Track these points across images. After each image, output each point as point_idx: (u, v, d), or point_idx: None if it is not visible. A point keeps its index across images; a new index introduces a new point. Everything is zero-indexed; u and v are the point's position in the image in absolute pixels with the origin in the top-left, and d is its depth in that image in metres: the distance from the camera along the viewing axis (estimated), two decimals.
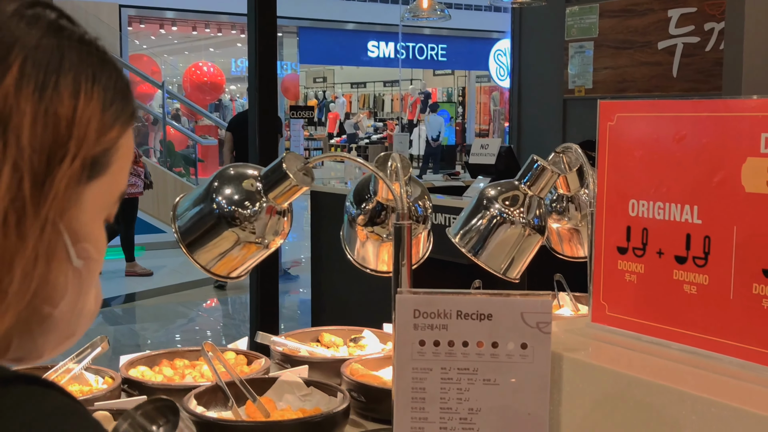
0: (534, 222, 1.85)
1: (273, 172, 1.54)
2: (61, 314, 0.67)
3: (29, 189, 0.61)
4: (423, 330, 1.33)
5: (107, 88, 0.68)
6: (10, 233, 0.59)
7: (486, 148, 4.77)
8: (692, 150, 1.30)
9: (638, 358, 1.31)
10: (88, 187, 0.67)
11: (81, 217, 0.67)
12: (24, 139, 0.61)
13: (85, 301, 0.71)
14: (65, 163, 0.63)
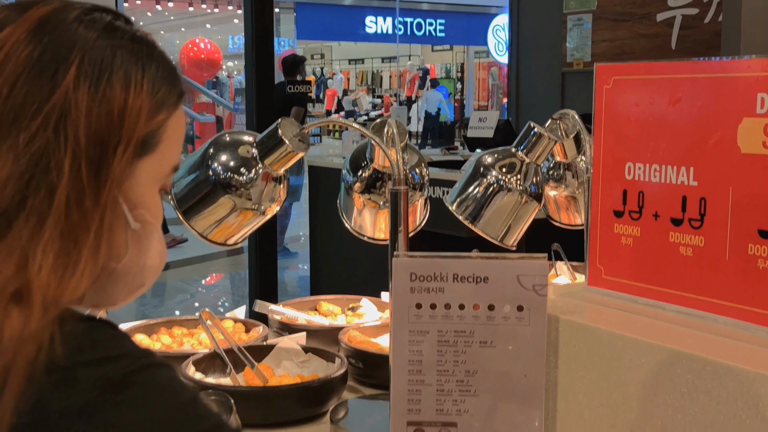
0: (531, 189, 1.85)
1: (269, 138, 1.54)
2: (125, 268, 0.78)
3: (86, 174, 0.70)
4: (419, 293, 1.33)
5: (155, 78, 0.78)
6: (73, 212, 0.69)
7: (484, 121, 4.75)
8: (688, 112, 1.30)
9: (634, 320, 1.31)
10: (141, 163, 0.77)
11: (136, 189, 0.77)
12: (81, 131, 0.70)
13: (147, 256, 0.81)
14: (119, 149, 0.73)
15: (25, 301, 0.65)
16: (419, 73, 23.74)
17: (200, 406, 0.72)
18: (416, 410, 1.35)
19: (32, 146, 0.69)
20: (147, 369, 0.68)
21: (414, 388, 1.34)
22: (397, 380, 1.35)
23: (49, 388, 0.63)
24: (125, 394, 0.65)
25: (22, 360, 0.62)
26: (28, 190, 0.68)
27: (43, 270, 0.67)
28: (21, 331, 0.63)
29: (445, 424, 1.34)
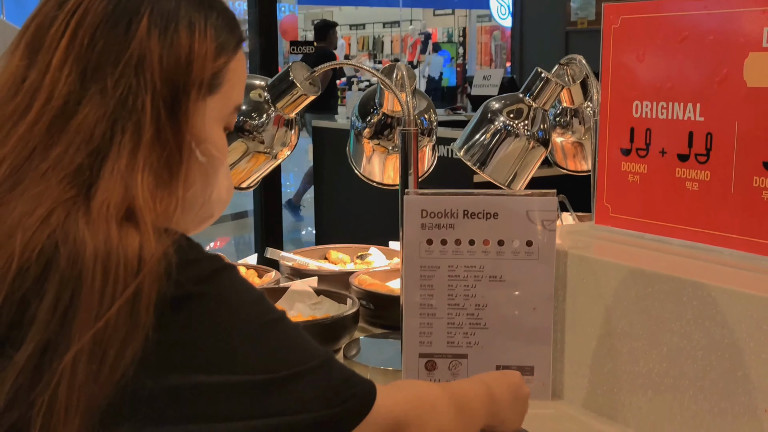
0: (538, 135, 1.87)
1: (280, 81, 1.56)
2: (193, 197, 0.84)
3: (164, 112, 0.78)
4: (430, 229, 1.36)
5: (216, 26, 0.85)
6: (158, 146, 0.78)
7: (488, 79, 4.75)
8: (696, 49, 1.32)
9: (640, 253, 1.34)
10: (206, 102, 0.84)
11: (202, 125, 0.84)
12: (156, 74, 0.78)
13: (213, 189, 0.89)
14: (189, 89, 0.81)
15: (136, 221, 0.72)
16: (421, 37, 23.59)
17: (266, 302, 0.80)
18: (428, 343, 1.38)
19: (117, 89, 0.77)
20: (226, 269, 0.77)
21: (425, 322, 1.38)
22: (408, 314, 1.38)
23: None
24: (212, 285, 0.74)
25: (151, 276, 0.70)
26: (117, 127, 0.76)
27: (145, 192, 0.75)
28: (141, 251, 0.70)
29: (455, 356, 1.38)
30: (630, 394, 1.28)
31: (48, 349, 0.68)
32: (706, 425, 1.17)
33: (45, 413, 0.67)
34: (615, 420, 1.31)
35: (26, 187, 0.73)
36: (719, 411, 1.15)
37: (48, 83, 0.78)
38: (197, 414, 0.72)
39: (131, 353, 0.68)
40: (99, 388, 0.67)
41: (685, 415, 1.20)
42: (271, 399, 0.75)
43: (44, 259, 0.70)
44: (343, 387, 0.81)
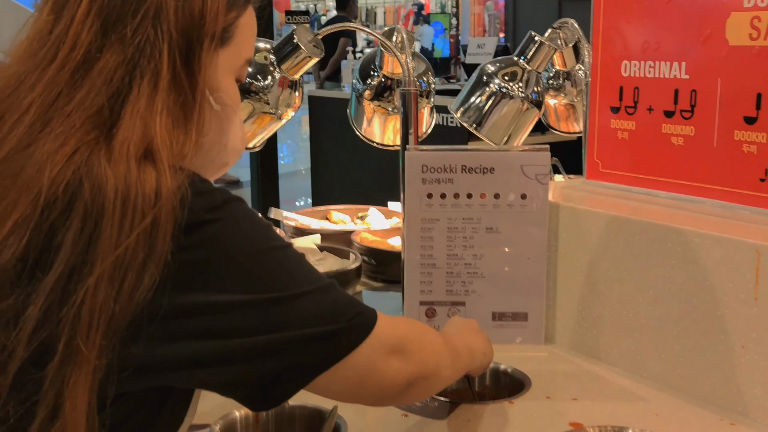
0: (532, 96, 1.94)
1: (285, 44, 1.62)
2: (209, 144, 0.89)
3: (179, 60, 0.84)
4: (430, 184, 1.44)
5: None
6: (174, 91, 0.83)
7: (482, 47, 4.80)
8: (681, 9, 1.39)
9: (628, 205, 1.42)
10: (219, 54, 0.90)
11: (215, 75, 0.90)
12: (172, 26, 0.84)
13: (228, 137, 0.94)
14: (202, 40, 0.87)
15: (153, 159, 0.78)
16: (414, 8, 23.52)
17: (273, 231, 0.87)
18: (428, 291, 1.47)
19: (135, 38, 0.83)
20: (236, 200, 0.83)
21: (426, 271, 1.46)
22: (410, 264, 1.46)
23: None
24: (223, 212, 0.80)
25: (167, 207, 0.76)
26: (135, 73, 0.82)
27: (162, 133, 0.80)
28: (158, 185, 0.76)
29: (454, 303, 1.46)
30: (617, 336, 1.37)
31: (73, 272, 0.74)
32: (689, 363, 1.26)
33: (70, 330, 0.73)
34: (603, 361, 1.39)
35: (53, 127, 0.79)
36: (700, 349, 1.24)
37: (72, 34, 0.83)
38: (210, 330, 0.78)
39: (149, 277, 0.75)
40: (119, 308, 0.74)
41: (669, 354, 1.28)
42: (279, 315, 0.81)
43: (70, 193, 0.76)
44: (348, 306, 0.87)
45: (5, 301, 0.74)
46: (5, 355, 0.73)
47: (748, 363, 1.18)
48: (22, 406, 0.74)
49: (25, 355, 0.73)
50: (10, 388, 0.74)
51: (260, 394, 0.84)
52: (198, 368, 0.79)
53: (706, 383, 1.23)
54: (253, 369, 0.81)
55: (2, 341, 0.74)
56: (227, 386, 0.84)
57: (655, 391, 1.28)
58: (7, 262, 0.74)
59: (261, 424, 1.21)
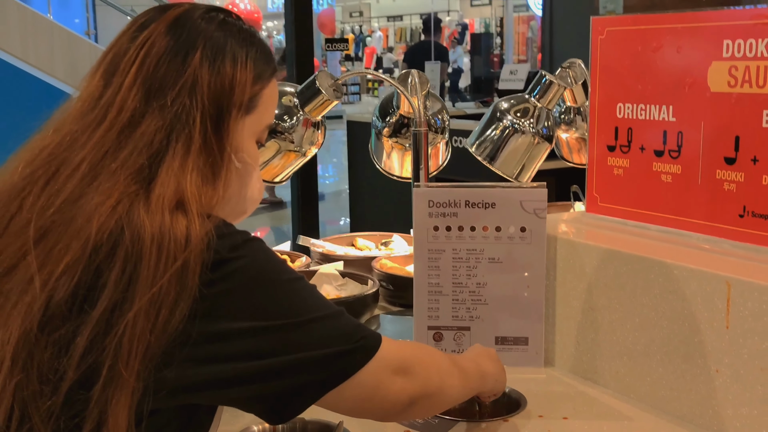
0: (543, 131, 2.06)
1: (307, 88, 1.77)
2: (230, 196, 1.02)
3: (210, 126, 0.98)
4: (436, 217, 1.57)
5: (255, 59, 1.04)
6: (204, 153, 0.97)
7: (515, 74, 4.92)
8: (668, 57, 1.50)
9: (619, 237, 1.53)
10: (244, 120, 1.04)
11: (240, 138, 1.03)
12: (205, 96, 0.98)
13: (247, 189, 1.07)
14: (231, 109, 1.01)
15: (185, 210, 0.92)
16: (458, 28, 23.69)
17: (287, 266, 1.00)
18: (435, 317, 1.59)
19: (174, 106, 0.97)
20: (255, 240, 0.96)
21: (433, 298, 1.59)
22: (418, 291, 1.59)
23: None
24: (244, 250, 0.93)
25: (196, 250, 0.89)
26: (171, 137, 0.96)
27: (192, 188, 0.94)
28: (188, 232, 0.90)
29: (459, 328, 1.59)
30: (609, 360, 1.48)
31: (116, 308, 0.87)
32: (670, 385, 1.36)
33: (112, 357, 0.86)
34: (597, 383, 1.50)
35: (100, 182, 0.93)
36: (680, 372, 1.34)
37: (119, 100, 0.98)
38: (233, 354, 0.91)
39: (180, 311, 0.88)
40: (154, 338, 0.87)
41: (653, 377, 1.39)
42: (294, 338, 0.94)
43: (113, 239, 0.89)
44: (355, 330, 0.98)
45: (58, 331, 0.87)
46: (58, 377, 0.86)
47: (722, 386, 1.28)
48: (71, 422, 0.87)
49: (74, 378, 0.86)
50: (62, 405, 0.87)
51: (277, 409, 0.97)
52: (223, 388, 0.92)
53: (685, 404, 1.34)
54: (270, 387, 0.94)
55: (55, 366, 0.86)
56: (248, 402, 0.97)
57: (641, 411, 1.39)
58: (61, 298, 0.87)
59: None
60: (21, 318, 0.87)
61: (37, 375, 0.86)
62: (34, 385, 0.86)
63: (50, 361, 0.87)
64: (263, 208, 8.91)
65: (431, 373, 1.10)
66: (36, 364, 0.87)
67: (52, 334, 0.87)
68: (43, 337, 0.87)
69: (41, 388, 0.86)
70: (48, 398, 0.86)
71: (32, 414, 0.86)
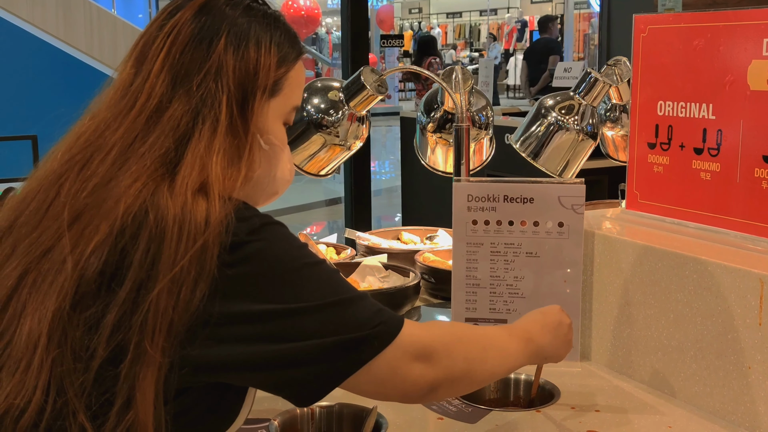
0: (587, 129, 2.07)
1: (353, 83, 1.81)
2: (259, 178, 1.05)
3: (236, 109, 1.01)
4: (475, 212, 1.60)
5: (279, 42, 1.06)
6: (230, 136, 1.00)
7: (569, 71, 4.90)
8: (708, 55, 1.51)
9: (655, 234, 1.54)
10: (270, 103, 1.06)
11: (266, 120, 1.06)
12: (231, 81, 1.01)
13: (277, 170, 1.10)
14: (256, 92, 1.03)
15: (206, 192, 0.95)
16: (518, 25, 23.53)
17: (308, 250, 1.01)
18: (473, 309, 1.62)
19: (200, 91, 1.00)
20: (274, 223, 0.99)
21: (471, 290, 1.62)
22: (457, 284, 1.62)
23: None
24: (262, 234, 0.96)
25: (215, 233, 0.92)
26: (197, 120, 0.99)
27: (217, 171, 0.96)
28: (208, 215, 0.93)
29: (496, 321, 1.61)
30: (644, 355, 1.49)
31: (141, 287, 0.91)
32: (703, 381, 1.37)
33: (138, 334, 0.90)
34: (631, 377, 1.52)
35: (130, 165, 0.97)
36: (714, 368, 1.35)
37: (148, 86, 1.00)
38: (251, 335, 0.92)
39: (200, 290, 0.91)
40: (177, 316, 0.90)
41: (687, 372, 1.40)
42: (309, 323, 0.95)
43: (138, 220, 0.93)
44: (374, 316, 0.98)
45: (89, 310, 0.92)
46: (89, 354, 0.91)
47: (755, 382, 1.29)
48: (102, 397, 0.91)
49: (104, 355, 0.90)
50: (93, 382, 0.91)
51: (299, 393, 0.99)
52: (241, 370, 0.95)
53: (718, 399, 1.35)
54: (286, 373, 0.96)
55: (87, 343, 0.91)
56: (267, 385, 1.00)
57: (673, 406, 1.40)
58: (90, 277, 0.92)
59: (315, 422, 1.39)
60: (55, 296, 0.92)
61: (71, 352, 0.91)
62: (69, 362, 0.90)
63: (82, 339, 0.91)
64: (318, 203, 9.01)
65: (456, 359, 1.07)
66: (69, 342, 0.91)
67: (83, 312, 0.91)
68: (75, 315, 0.91)
69: (75, 365, 0.91)
70: (81, 374, 0.91)
71: (67, 389, 0.90)
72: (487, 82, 5.00)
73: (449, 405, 1.41)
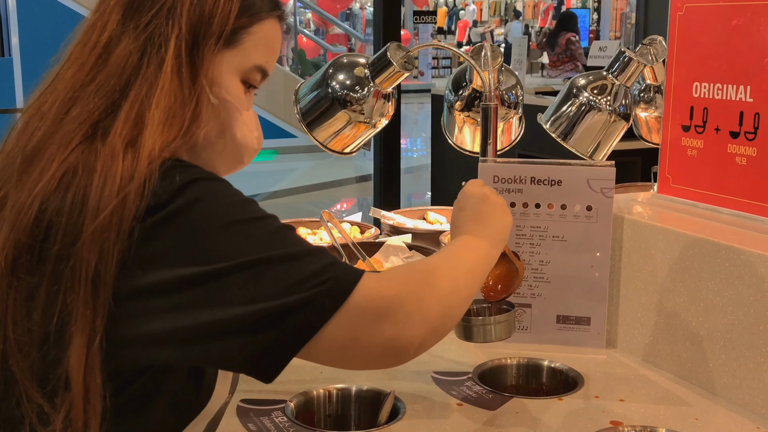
0: (620, 109, 2.01)
1: (379, 60, 1.77)
2: (210, 138, 0.99)
3: (185, 53, 0.95)
4: (501, 193, 1.56)
5: None
6: (176, 81, 0.94)
7: (604, 50, 4.81)
8: (747, 35, 1.45)
9: (687, 220, 1.49)
10: (223, 53, 0.99)
11: (218, 72, 0.99)
12: (183, 21, 0.95)
13: (233, 131, 1.01)
14: (207, 38, 0.97)
15: (136, 147, 0.89)
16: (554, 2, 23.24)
17: (251, 205, 0.91)
18: None
19: (149, 28, 0.94)
20: (204, 179, 0.90)
21: None
22: None
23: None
24: (187, 193, 0.88)
25: (136, 190, 0.86)
26: (143, 60, 0.93)
27: (153, 124, 0.90)
28: (132, 172, 0.87)
29: (521, 305, 1.58)
30: (671, 344, 1.45)
31: (70, 241, 0.86)
32: (732, 372, 1.33)
33: (68, 286, 0.85)
34: (658, 366, 1.47)
35: (76, 107, 0.92)
36: (744, 360, 1.31)
37: (102, 22, 0.96)
38: (178, 305, 0.85)
39: (119, 249, 0.84)
40: (102, 269, 0.84)
41: (715, 363, 1.36)
42: (242, 284, 0.85)
43: (71, 174, 0.88)
44: (321, 272, 0.87)
45: (25, 279, 0.88)
46: (29, 326, 0.88)
47: None
48: (49, 370, 0.87)
49: (44, 325, 0.87)
50: (39, 353, 0.87)
51: (254, 368, 0.89)
52: (175, 343, 0.87)
53: (747, 392, 1.30)
54: (232, 345, 0.87)
55: (26, 314, 0.88)
56: (217, 362, 0.93)
57: (700, 397, 1.36)
58: (26, 225, 0.88)
59: (332, 404, 1.36)
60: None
61: (12, 325, 0.88)
62: (12, 321, 0.88)
63: (21, 310, 0.88)
64: (348, 180, 9.00)
65: (429, 305, 0.93)
66: (10, 315, 0.88)
67: (20, 280, 0.89)
68: (13, 282, 0.89)
69: (19, 338, 0.88)
70: (27, 350, 0.88)
71: (9, 357, 0.88)
72: (520, 60, 4.91)
73: (469, 391, 1.38)
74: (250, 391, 1.33)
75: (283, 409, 1.29)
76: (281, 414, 1.28)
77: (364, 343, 0.89)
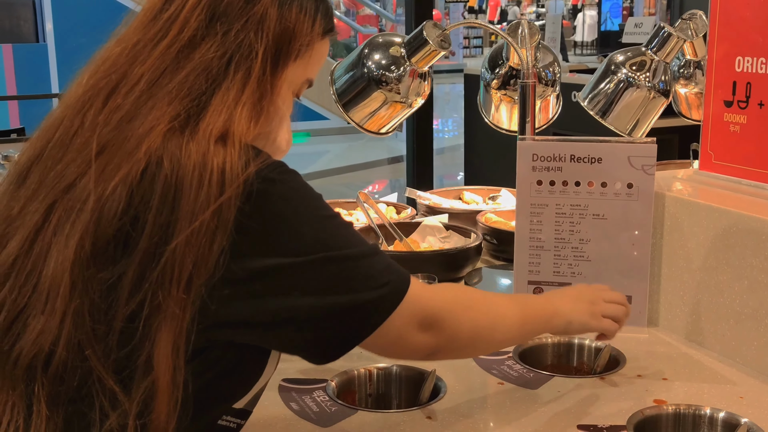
0: (659, 86, 1.98)
1: (415, 39, 1.76)
2: (259, 135, 1.02)
3: (269, 62, 1.00)
4: (540, 171, 1.55)
5: (318, 11, 1.06)
6: (259, 86, 0.99)
7: (640, 27, 4.75)
8: None
9: (730, 196, 1.47)
10: (292, 66, 1.04)
11: (283, 83, 1.04)
12: (270, 34, 1.00)
13: (276, 135, 1.07)
14: (290, 53, 1.03)
15: (226, 141, 0.93)
16: None
17: (324, 202, 0.98)
18: (536, 271, 1.58)
19: (238, 37, 0.98)
20: (290, 172, 0.95)
21: (534, 253, 1.57)
22: (520, 245, 1.58)
23: None
24: (276, 186, 0.92)
25: (234, 184, 0.89)
26: (231, 67, 0.97)
27: (241, 121, 0.96)
28: (225, 162, 0.91)
29: (560, 284, 1.57)
30: (715, 322, 1.43)
31: (159, 237, 0.87)
32: None
33: (158, 284, 0.87)
34: (701, 345, 1.46)
35: (155, 102, 0.94)
36: None
37: (182, 18, 0.97)
38: (263, 291, 0.90)
39: (218, 243, 0.87)
40: (195, 269, 0.87)
41: (761, 341, 1.34)
42: (324, 276, 0.92)
43: (157, 165, 0.89)
44: (384, 272, 0.96)
45: (107, 269, 0.89)
46: (110, 316, 0.88)
47: None
48: (127, 359, 0.88)
49: (126, 313, 0.88)
50: (117, 344, 0.88)
51: (314, 354, 0.98)
52: (258, 329, 0.92)
53: None
54: (302, 333, 0.94)
55: (107, 304, 0.88)
56: (281, 346, 0.98)
57: (745, 376, 1.34)
58: (110, 217, 0.88)
59: (373, 383, 1.37)
60: (76, 240, 0.89)
61: (89, 315, 0.88)
62: (88, 326, 0.88)
63: (101, 300, 0.88)
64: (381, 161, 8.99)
65: (462, 328, 1.06)
66: (88, 302, 0.88)
67: (101, 270, 0.89)
68: (94, 271, 0.89)
69: (95, 326, 0.88)
70: (103, 338, 0.88)
71: (86, 347, 0.88)
72: (554, 38, 4.87)
73: (510, 370, 1.38)
74: (291, 370, 1.33)
75: (325, 388, 1.30)
76: (323, 393, 1.29)
77: (404, 343, 1.01)
